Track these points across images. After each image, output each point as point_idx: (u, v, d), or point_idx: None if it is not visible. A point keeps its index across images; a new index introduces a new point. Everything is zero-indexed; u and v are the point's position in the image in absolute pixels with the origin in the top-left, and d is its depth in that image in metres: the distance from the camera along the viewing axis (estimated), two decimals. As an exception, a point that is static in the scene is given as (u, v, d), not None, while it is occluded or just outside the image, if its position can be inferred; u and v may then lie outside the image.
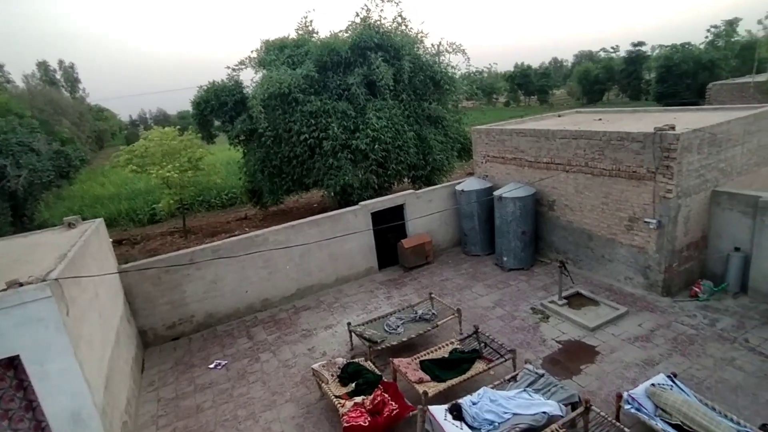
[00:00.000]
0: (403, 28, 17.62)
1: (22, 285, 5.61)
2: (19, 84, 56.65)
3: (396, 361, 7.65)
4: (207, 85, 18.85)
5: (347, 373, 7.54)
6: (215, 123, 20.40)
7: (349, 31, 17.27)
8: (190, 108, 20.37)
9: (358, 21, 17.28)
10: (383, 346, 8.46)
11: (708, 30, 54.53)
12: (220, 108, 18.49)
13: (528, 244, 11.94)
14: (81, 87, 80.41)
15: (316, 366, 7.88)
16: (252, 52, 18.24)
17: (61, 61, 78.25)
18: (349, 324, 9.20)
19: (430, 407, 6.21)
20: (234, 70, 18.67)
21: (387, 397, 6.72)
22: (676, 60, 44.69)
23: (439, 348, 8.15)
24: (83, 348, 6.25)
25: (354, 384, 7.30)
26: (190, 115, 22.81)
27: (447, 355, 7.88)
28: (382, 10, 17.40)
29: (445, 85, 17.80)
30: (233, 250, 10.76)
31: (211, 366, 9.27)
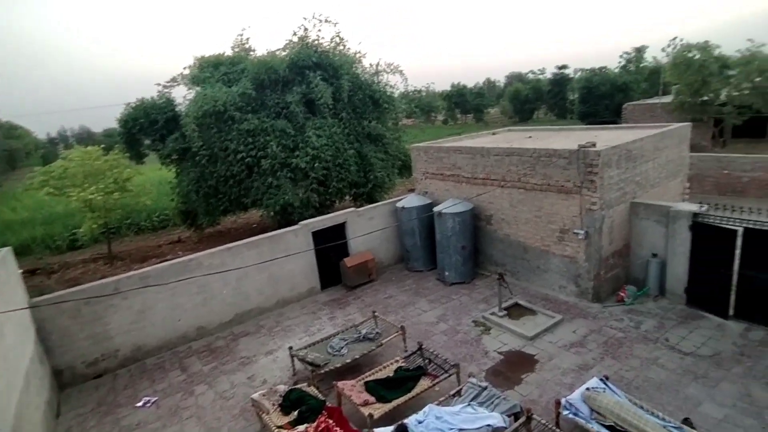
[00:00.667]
0: (342, 48, 17.79)
1: None
2: None
3: (340, 384, 7.44)
4: (136, 103, 17.94)
5: (289, 401, 7.21)
6: (145, 142, 19.41)
7: (287, 50, 17.16)
8: (117, 126, 19.21)
9: (295, 40, 17.24)
10: (327, 370, 8.21)
11: (621, 56, 59.84)
12: (150, 126, 17.67)
13: (468, 258, 12.22)
14: (-12, 103, 73.71)
15: (255, 396, 7.47)
16: (185, 68, 17.62)
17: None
18: (290, 348, 8.86)
19: (375, 430, 6.07)
20: (165, 87, 17.92)
21: (331, 423, 6.48)
22: (595, 82, 48.62)
23: (384, 367, 8.04)
24: (-18, 396, 5.50)
25: (297, 412, 6.98)
26: (117, 133, 21.47)
27: (392, 374, 7.78)
28: (320, 31, 17.45)
29: (384, 104, 18.14)
30: (164, 276, 10.08)
31: (139, 404, 8.51)
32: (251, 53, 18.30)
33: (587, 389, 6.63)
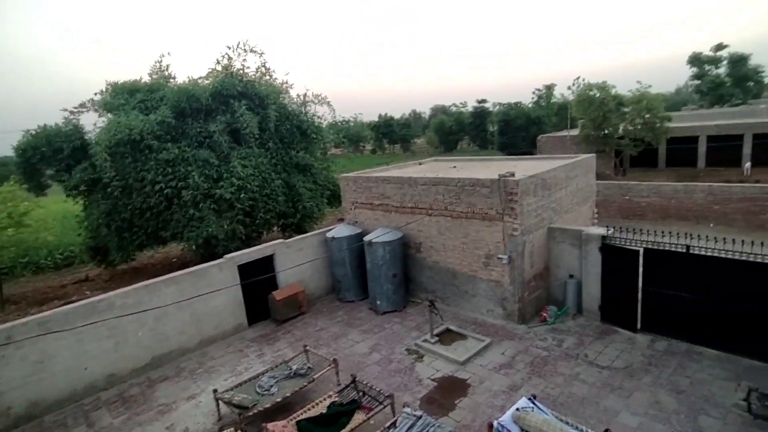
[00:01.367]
0: (268, 77, 17.65)
1: None
2: None
3: (270, 425, 6.99)
4: (36, 130, 16.33)
5: (213, 451, 6.65)
6: (47, 172, 17.70)
7: (209, 78, 16.68)
8: (12, 154, 17.34)
9: (219, 69, 16.83)
10: (256, 411, 7.71)
11: (533, 92, 65.40)
12: (53, 155, 16.15)
13: (399, 286, 12.29)
14: None
15: (174, 448, 6.80)
16: (95, 94, 16.43)
17: None
18: (215, 391, 8.25)
19: (308, 474, 5.73)
20: (72, 113, 16.55)
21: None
22: (512, 115, 52.60)
23: (317, 404, 7.71)
24: None
25: (221, 462, 6.44)
26: (13, 162, 19.36)
27: (325, 411, 7.47)
28: (245, 60, 17.17)
29: (312, 134, 18.13)
30: (68, 320, 9.03)
31: (33, 471, 7.41)
32: (171, 80, 17.55)
33: (517, 409, 6.77)
